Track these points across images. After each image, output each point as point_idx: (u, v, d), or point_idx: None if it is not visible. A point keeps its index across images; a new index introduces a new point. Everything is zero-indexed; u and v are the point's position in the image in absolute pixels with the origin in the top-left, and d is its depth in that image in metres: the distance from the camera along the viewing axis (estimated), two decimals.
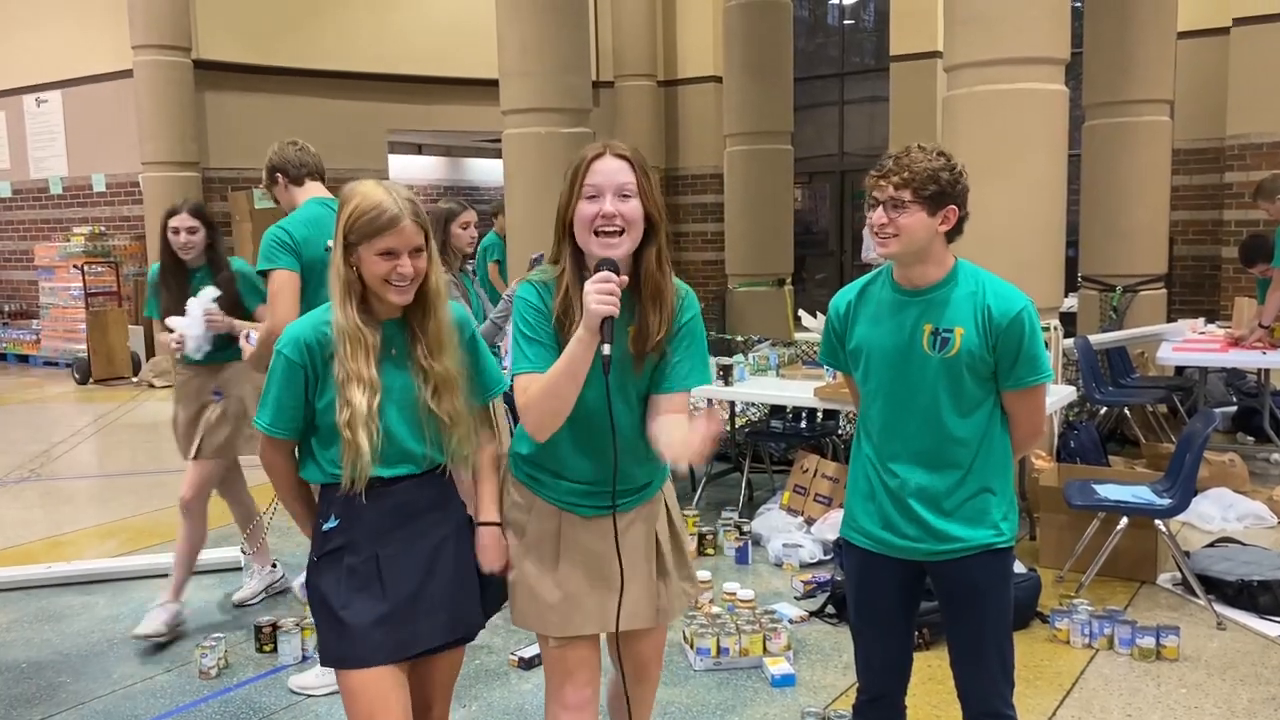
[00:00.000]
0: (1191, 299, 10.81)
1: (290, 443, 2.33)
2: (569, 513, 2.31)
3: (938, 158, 2.32)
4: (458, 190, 19.45)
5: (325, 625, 2.29)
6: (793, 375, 5.82)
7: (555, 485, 2.31)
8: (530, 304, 2.23)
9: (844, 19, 15.37)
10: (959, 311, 2.36)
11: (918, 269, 2.39)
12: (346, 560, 2.27)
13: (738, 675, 3.81)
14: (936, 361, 2.36)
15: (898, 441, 2.43)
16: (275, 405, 2.27)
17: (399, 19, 12.95)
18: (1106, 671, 3.81)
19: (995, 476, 2.44)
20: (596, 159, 2.18)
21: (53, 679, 3.98)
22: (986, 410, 2.41)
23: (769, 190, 10.75)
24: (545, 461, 2.30)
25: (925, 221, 2.32)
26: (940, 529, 2.41)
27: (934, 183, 2.30)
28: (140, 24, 11.16)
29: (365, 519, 2.27)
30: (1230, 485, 5.69)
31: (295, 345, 2.25)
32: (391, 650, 2.25)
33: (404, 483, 2.29)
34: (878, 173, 2.36)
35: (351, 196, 2.25)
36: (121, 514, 6.30)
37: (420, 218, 2.24)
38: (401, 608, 2.26)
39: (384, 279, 2.20)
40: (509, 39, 7.80)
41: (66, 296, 12.21)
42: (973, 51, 5.59)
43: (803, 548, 4.99)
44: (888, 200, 2.32)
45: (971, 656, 2.50)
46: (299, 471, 2.37)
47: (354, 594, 2.25)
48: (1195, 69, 10.50)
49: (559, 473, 2.30)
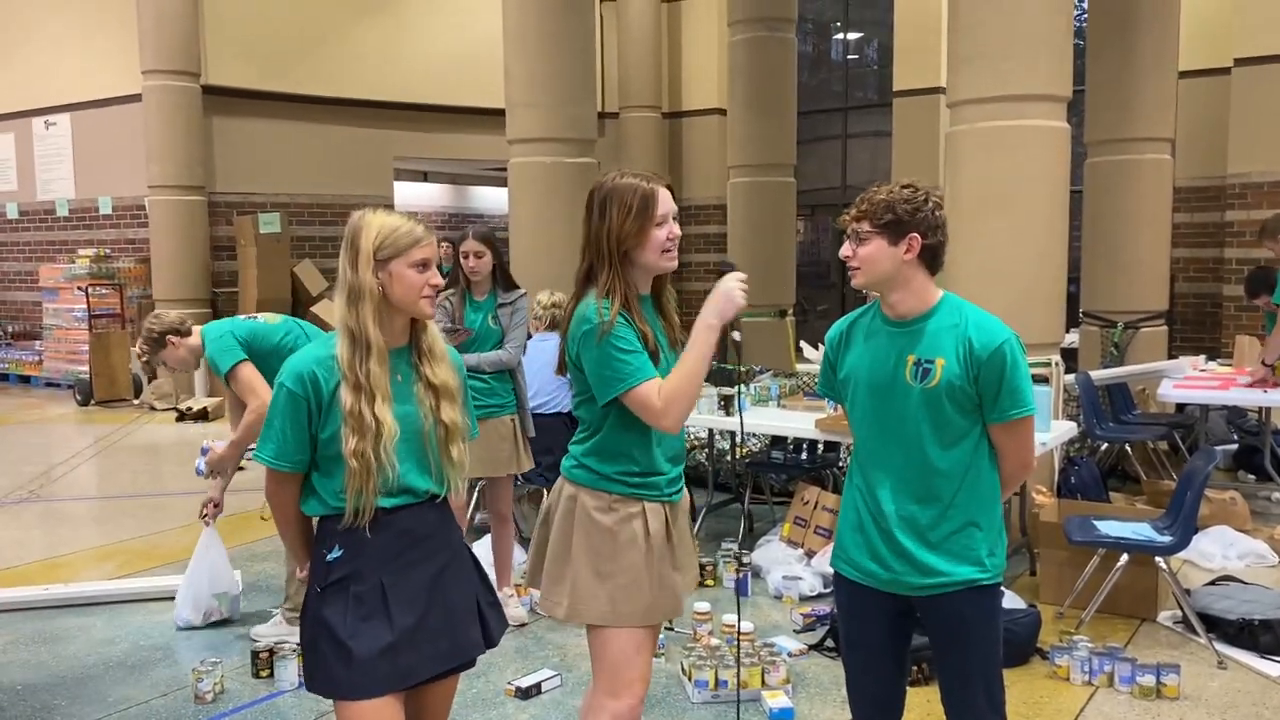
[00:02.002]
0: (1193, 336, 10.83)
1: (297, 476, 2.34)
2: (670, 503, 2.57)
3: (900, 190, 2.41)
4: (463, 218, 19.54)
5: (330, 654, 2.27)
6: (794, 406, 5.82)
7: (657, 484, 2.53)
8: (623, 322, 2.43)
9: (848, 54, 15.50)
10: (941, 343, 2.40)
11: (898, 299, 2.44)
12: (353, 589, 2.27)
13: (736, 708, 3.79)
14: (918, 392, 2.39)
15: (882, 471, 2.46)
16: (279, 438, 2.28)
17: (407, 48, 13.07)
18: (1106, 709, 3.79)
19: (981, 511, 2.44)
20: (661, 190, 2.47)
21: (48, 701, 3.97)
22: (971, 443, 2.42)
23: (771, 222, 10.81)
24: (652, 466, 2.52)
25: (886, 250, 2.39)
26: (925, 562, 2.42)
27: (890, 212, 2.38)
28: (150, 49, 11.26)
29: (369, 548, 2.27)
30: (1231, 523, 5.67)
31: (295, 378, 2.26)
32: (396, 680, 2.26)
33: (404, 511, 2.30)
34: (850, 206, 2.50)
35: (368, 221, 2.30)
36: (120, 536, 6.29)
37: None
38: (405, 636, 2.27)
39: (419, 291, 2.27)
40: (516, 70, 7.86)
41: (70, 318, 12.24)
42: (975, 88, 5.64)
43: (802, 580, 4.98)
44: (850, 233, 2.45)
45: (959, 691, 2.50)
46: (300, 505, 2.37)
47: (360, 623, 2.25)
48: (1196, 108, 10.58)
49: (659, 471, 2.53)
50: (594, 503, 2.50)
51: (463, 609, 2.37)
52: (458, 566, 2.39)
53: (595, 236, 2.46)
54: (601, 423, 2.49)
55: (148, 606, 4.91)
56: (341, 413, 2.23)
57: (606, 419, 2.48)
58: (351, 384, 2.23)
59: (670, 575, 2.55)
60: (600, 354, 2.39)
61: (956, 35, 5.78)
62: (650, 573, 2.50)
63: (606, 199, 2.46)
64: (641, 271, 2.50)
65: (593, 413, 2.50)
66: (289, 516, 2.39)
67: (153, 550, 5.94)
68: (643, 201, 2.43)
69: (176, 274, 11.55)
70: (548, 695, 3.93)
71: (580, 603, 2.50)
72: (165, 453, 8.65)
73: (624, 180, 2.46)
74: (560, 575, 2.53)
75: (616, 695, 2.52)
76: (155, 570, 5.49)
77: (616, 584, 2.49)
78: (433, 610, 2.31)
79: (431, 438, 2.32)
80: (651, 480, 2.52)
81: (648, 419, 2.42)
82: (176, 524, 6.37)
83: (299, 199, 12.53)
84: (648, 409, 2.40)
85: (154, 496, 7.27)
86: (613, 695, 2.52)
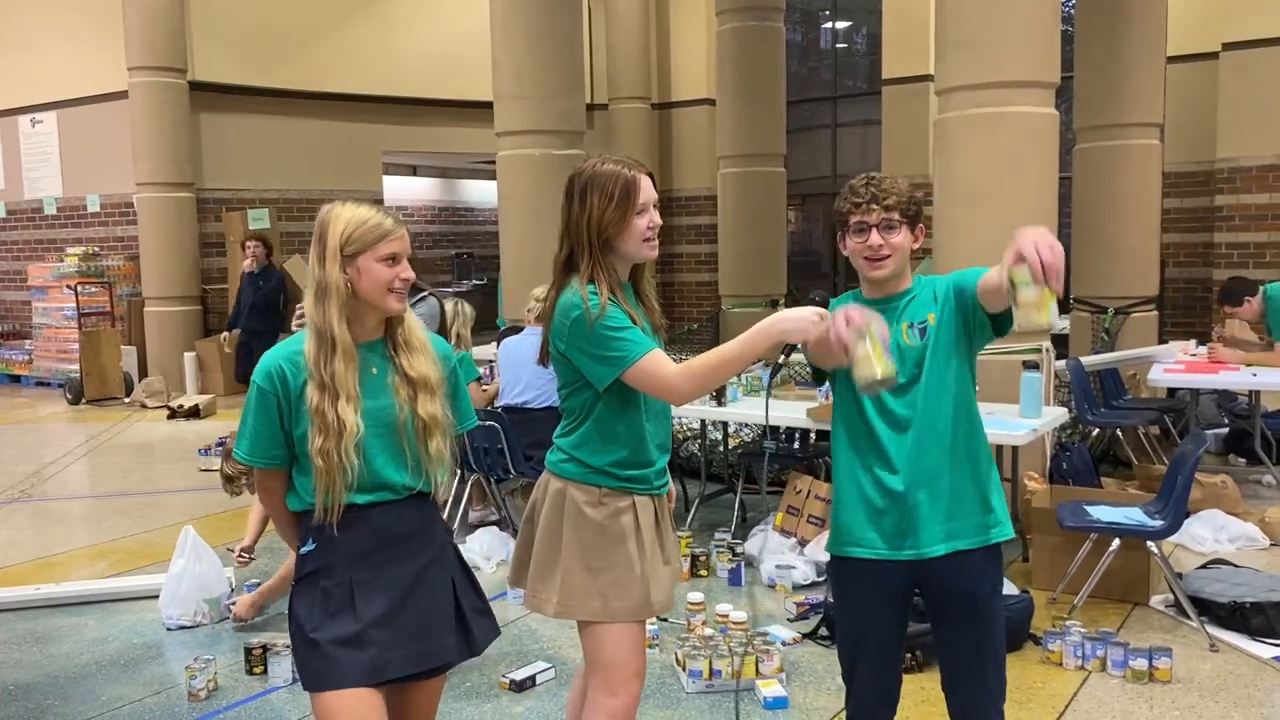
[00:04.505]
0: (1183, 321, 10.85)
1: (278, 471, 2.34)
2: (659, 496, 2.57)
3: (902, 180, 2.53)
4: (453, 211, 19.50)
5: (301, 648, 2.29)
6: (785, 396, 5.82)
7: (645, 476, 2.51)
8: (612, 303, 2.40)
9: (836, 43, 15.47)
10: (924, 306, 2.49)
11: (892, 284, 2.51)
12: (321, 583, 2.28)
13: (730, 698, 3.79)
14: (917, 350, 2.44)
15: (881, 441, 2.46)
16: (251, 434, 2.29)
17: (394, 41, 13.01)
18: (1099, 694, 3.81)
19: (985, 469, 2.49)
20: (643, 178, 2.43)
21: (40, 701, 3.96)
22: (966, 401, 2.47)
23: (762, 212, 10.80)
24: (637, 457, 2.49)
25: (909, 239, 2.50)
26: (936, 526, 2.43)
27: (914, 203, 2.49)
28: (136, 45, 11.19)
29: (340, 544, 2.27)
30: (1222, 507, 5.69)
31: (265, 374, 2.27)
32: (364, 673, 2.24)
33: (380, 508, 2.29)
34: (859, 200, 2.46)
35: (336, 215, 2.27)
36: (113, 535, 6.27)
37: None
38: (373, 631, 2.25)
39: (387, 286, 2.24)
40: (503, 63, 7.84)
41: (59, 317, 12.19)
42: (964, 75, 5.63)
43: (796, 569, 4.98)
44: (880, 223, 2.43)
45: (967, 663, 2.50)
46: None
47: (326, 617, 2.25)
48: (1185, 93, 10.59)
49: (648, 462, 2.52)
50: (583, 497, 2.47)
51: (441, 612, 2.35)
52: (440, 569, 2.37)
53: (575, 224, 2.44)
54: (591, 410, 2.46)
55: (140, 605, 4.90)
56: (309, 411, 2.22)
57: (596, 406, 2.45)
58: (317, 382, 2.22)
59: (661, 570, 2.54)
60: (594, 338, 2.36)
61: (945, 22, 5.77)
62: (642, 567, 2.48)
63: (587, 186, 2.43)
64: (622, 260, 2.48)
65: (581, 402, 2.48)
66: (276, 510, 2.40)
67: (145, 549, 5.92)
68: (624, 189, 2.40)
69: (166, 271, 11.51)
70: (542, 687, 3.93)
71: (571, 599, 2.48)
72: (157, 451, 8.59)
73: (604, 167, 2.44)
74: (549, 572, 2.50)
75: (613, 693, 2.49)
76: (147, 569, 5.47)
77: (608, 579, 2.46)
78: (407, 610, 2.29)
79: (409, 431, 2.30)
80: (642, 473, 2.50)
81: (655, 388, 2.38)
82: (168, 523, 6.35)
83: (288, 194, 12.48)
84: (656, 378, 2.36)
85: (146, 495, 7.25)
86: (610, 693, 2.49)
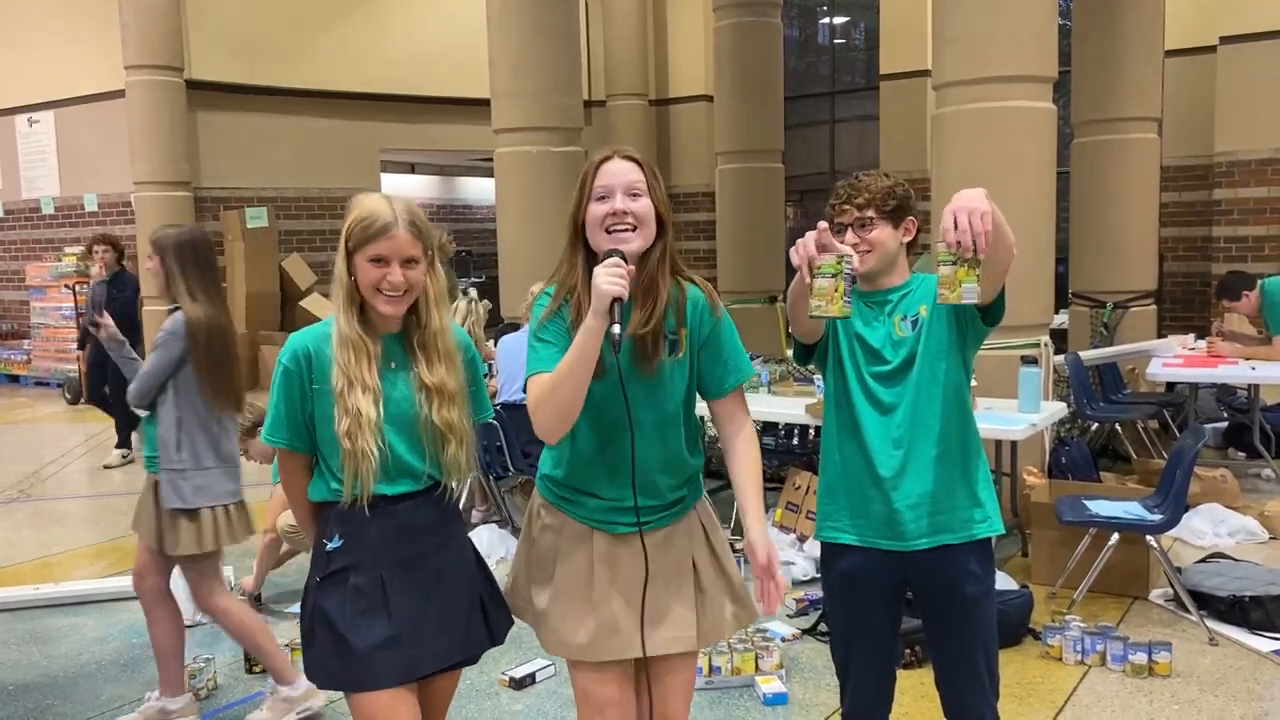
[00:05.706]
0: (1182, 315, 10.85)
1: (303, 457, 2.33)
2: (601, 531, 2.26)
3: (885, 177, 2.53)
4: (450, 209, 19.48)
5: (328, 647, 2.26)
6: (784, 392, 5.82)
7: (584, 503, 2.27)
8: (557, 313, 2.22)
9: (834, 38, 15.46)
10: (918, 300, 2.49)
11: (884, 279, 2.53)
12: (352, 580, 2.25)
13: (730, 694, 3.80)
14: (911, 340, 2.44)
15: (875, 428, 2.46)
16: (274, 413, 2.29)
17: (391, 39, 12.99)
18: (1099, 688, 3.81)
19: (972, 462, 2.47)
20: (605, 161, 2.21)
21: (40, 701, 3.96)
22: (957, 394, 2.45)
23: (760, 208, 10.79)
24: (575, 480, 2.27)
25: (892, 234, 2.50)
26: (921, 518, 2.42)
27: (893, 198, 2.49)
28: (133, 44, 11.17)
29: (369, 539, 2.26)
30: (1221, 501, 5.70)
31: (291, 354, 2.27)
32: (401, 672, 2.24)
33: (406, 502, 2.28)
34: (835, 200, 2.51)
35: (352, 207, 2.28)
36: (112, 535, 6.26)
37: (417, 229, 2.24)
38: (408, 629, 2.25)
39: (374, 287, 2.22)
40: (500, 60, 7.83)
41: (57, 316, 12.19)
42: (961, 70, 5.63)
43: (795, 565, 4.99)
44: (854, 221, 2.49)
45: (961, 664, 2.50)
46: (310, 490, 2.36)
47: (359, 616, 2.23)
48: (1183, 87, 10.58)
49: (589, 490, 2.26)
50: (535, 502, 2.39)
51: (466, 605, 2.36)
52: (461, 563, 2.38)
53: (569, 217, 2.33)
54: None
55: (139, 605, 4.89)
56: (333, 393, 2.22)
57: None
58: (341, 366, 2.23)
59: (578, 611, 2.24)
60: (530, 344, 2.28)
61: (942, 17, 5.77)
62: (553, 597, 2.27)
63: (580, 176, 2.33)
64: (596, 253, 2.23)
65: None
66: (296, 498, 2.39)
67: None
68: (584, 175, 2.24)
69: None
70: (542, 685, 3.93)
71: (517, 611, 2.40)
72: None
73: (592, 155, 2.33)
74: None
75: None
76: None
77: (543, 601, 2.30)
78: (435, 606, 2.29)
79: (428, 429, 2.29)
80: (578, 498, 2.27)
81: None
82: None
83: (286, 193, 12.47)
84: (529, 403, 2.17)
85: None
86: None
